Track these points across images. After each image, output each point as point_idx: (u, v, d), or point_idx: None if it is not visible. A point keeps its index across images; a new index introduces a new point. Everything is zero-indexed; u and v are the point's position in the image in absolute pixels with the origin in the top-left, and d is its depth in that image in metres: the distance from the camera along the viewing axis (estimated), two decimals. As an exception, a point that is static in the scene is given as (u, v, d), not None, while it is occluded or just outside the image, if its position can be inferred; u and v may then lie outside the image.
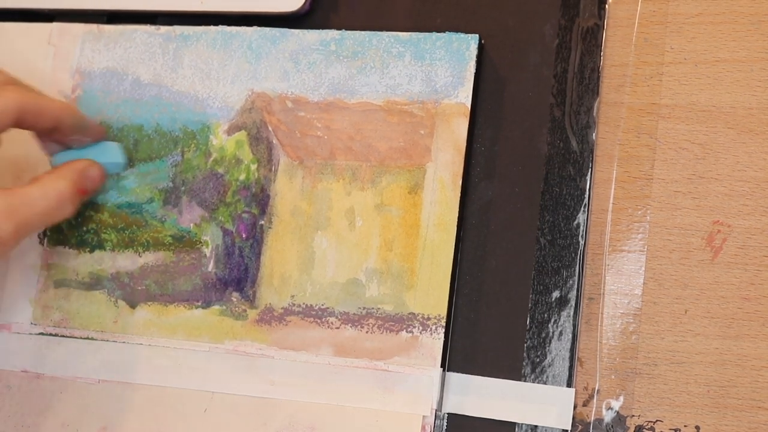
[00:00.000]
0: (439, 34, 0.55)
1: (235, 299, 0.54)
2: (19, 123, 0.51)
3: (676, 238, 0.52)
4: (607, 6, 0.55)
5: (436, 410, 0.51)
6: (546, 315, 0.52)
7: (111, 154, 0.56)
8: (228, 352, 0.54)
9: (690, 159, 0.53)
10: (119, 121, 0.58)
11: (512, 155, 0.54)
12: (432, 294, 0.52)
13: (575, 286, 0.52)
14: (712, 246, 0.52)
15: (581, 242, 0.53)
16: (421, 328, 0.52)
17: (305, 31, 0.57)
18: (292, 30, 0.57)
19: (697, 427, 0.50)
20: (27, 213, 0.50)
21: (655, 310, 0.52)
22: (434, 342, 0.52)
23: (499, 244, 0.53)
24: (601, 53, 0.55)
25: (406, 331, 0.52)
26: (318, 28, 0.57)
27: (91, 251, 0.57)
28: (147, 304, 0.55)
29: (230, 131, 0.57)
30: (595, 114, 0.54)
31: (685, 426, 0.50)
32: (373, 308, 0.53)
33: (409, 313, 0.52)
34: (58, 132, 0.53)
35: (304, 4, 0.58)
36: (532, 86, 0.55)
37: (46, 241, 0.57)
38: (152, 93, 0.58)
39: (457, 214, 0.53)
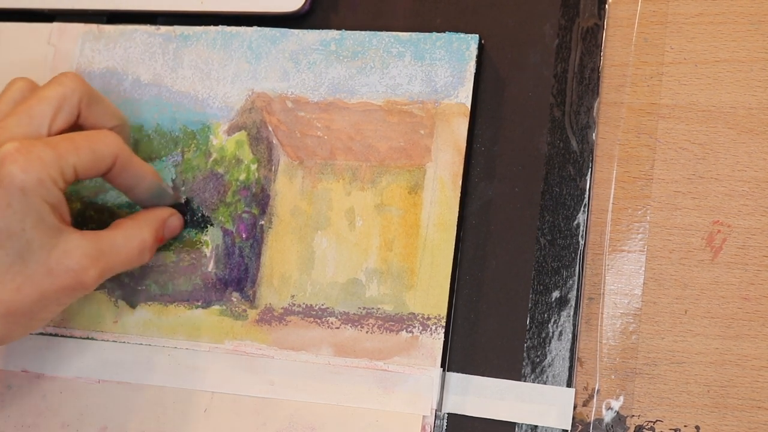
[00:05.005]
0: (439, 34, 0.55)
1: (235, 299, 0.54)
2: (109, 172, 0.51)
3: (676, 238, 0.52)
4: (607, 6, 0.55)
5: (436, 410, 0.51)
6: (546, 315, 0.52)
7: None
8: (228, 352, 0.54)
9: (690, 159, 0.53)
10: (119, 121, 0.58)
11: (512, 155, 0.54)
12: (432, 294, 0.52)
13: (575, 286, 0.52)
14: (712, 246, 0.52)
15: (581, 242, 0.53)
16: (421, 328, 0.52)
17: (305, 31, 0.57)
18: (292, 30, 0.57)
19: (697, 427, 0.50)
20: (111, 259, 0.50)
21: (655, 310, 0.52)
22: (434, 342, 0.52)
23: (499, 244, 0.53)
24: (601, 53, 0.55)
25: (406, 331, 0.52)
26: (318, 28, 0.57)
27: (91, 251, 0.56)
28: (147, 304, 0.55)
29: (230, 131, 0.57)
30: (595, 114, 0.54)
31: (685, 426, 0.50)
32: (373, 308, 0.53)
33: (409, 313, 0.52)
34: (134, 192, 0.53)
35: (304, 4, 0.58)
36: (532, 86, 0.55)
37: (46, 241, 0.57)
38: (152, 93, 0.58)
39: (457, 214, 0.53)
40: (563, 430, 0.51)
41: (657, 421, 0.51)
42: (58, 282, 0.48)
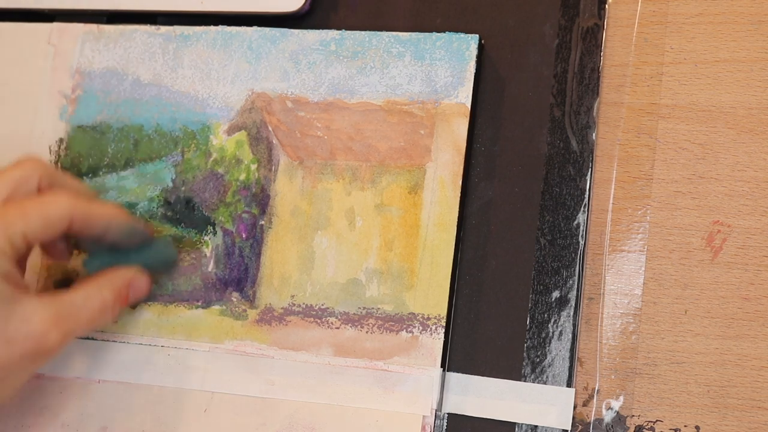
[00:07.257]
0: (439, 34, 0.55)
1: (235, 299, 0.54)
2: (69, 230, 0.50)
3: (676, 238, 0.52)
4: (607, 6, 0.55)
5: (436, 410, 0.51)
6: (546, 315, 0.52)
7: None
8: (228, 352, 0.54)
9: (690, 159, 0.53)
10: (119, 121, 0.58)
11: (512, 155, 0.54)
12: (432, 294, 0.52)
13: (575, 286, 0.52)
14: (712, 246, 0.52)
15: (581, 242, 0.53)
16: (421, 328, 0.52)
17: (305, 31, 0.57)
18: (292, 30, 0.57)
19: (697, 427, 0.50)
20: (72, 320, 0.49)
21: (655, 310, 0.52)
22: (434, 342, 0.52)
23: (499, 244, 0.53)
24: (601, 53, 0.55)
25: (406, 331, 0.52)
26: (318, 28, 0.57)
27: (91, 251, 0.56)
28: (147, 304, 0.55)
29: (230, 131, 0.57)
30: (595, 114, 0.54)
31: (685, 426, 0.50)
32: (373, 308, 0.53)
33: (409, 313, 0.52)
34: (106, 238, 0.52)
35: (304, 4, 0.58)
36: (532, 86, 0.55)
37: (46, 241, 0.57)
38: (152, 93, 0.58)
39: (457, 214, 0.53)
40: (563, 430, 0.51)
41: (657, 421, 0.51)
42: (19, 349, 0.47)
